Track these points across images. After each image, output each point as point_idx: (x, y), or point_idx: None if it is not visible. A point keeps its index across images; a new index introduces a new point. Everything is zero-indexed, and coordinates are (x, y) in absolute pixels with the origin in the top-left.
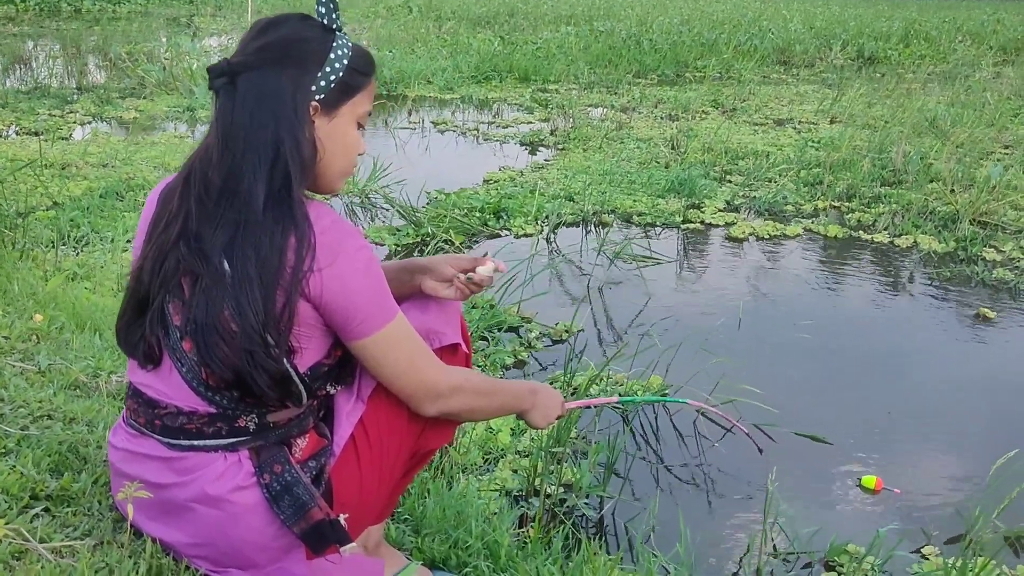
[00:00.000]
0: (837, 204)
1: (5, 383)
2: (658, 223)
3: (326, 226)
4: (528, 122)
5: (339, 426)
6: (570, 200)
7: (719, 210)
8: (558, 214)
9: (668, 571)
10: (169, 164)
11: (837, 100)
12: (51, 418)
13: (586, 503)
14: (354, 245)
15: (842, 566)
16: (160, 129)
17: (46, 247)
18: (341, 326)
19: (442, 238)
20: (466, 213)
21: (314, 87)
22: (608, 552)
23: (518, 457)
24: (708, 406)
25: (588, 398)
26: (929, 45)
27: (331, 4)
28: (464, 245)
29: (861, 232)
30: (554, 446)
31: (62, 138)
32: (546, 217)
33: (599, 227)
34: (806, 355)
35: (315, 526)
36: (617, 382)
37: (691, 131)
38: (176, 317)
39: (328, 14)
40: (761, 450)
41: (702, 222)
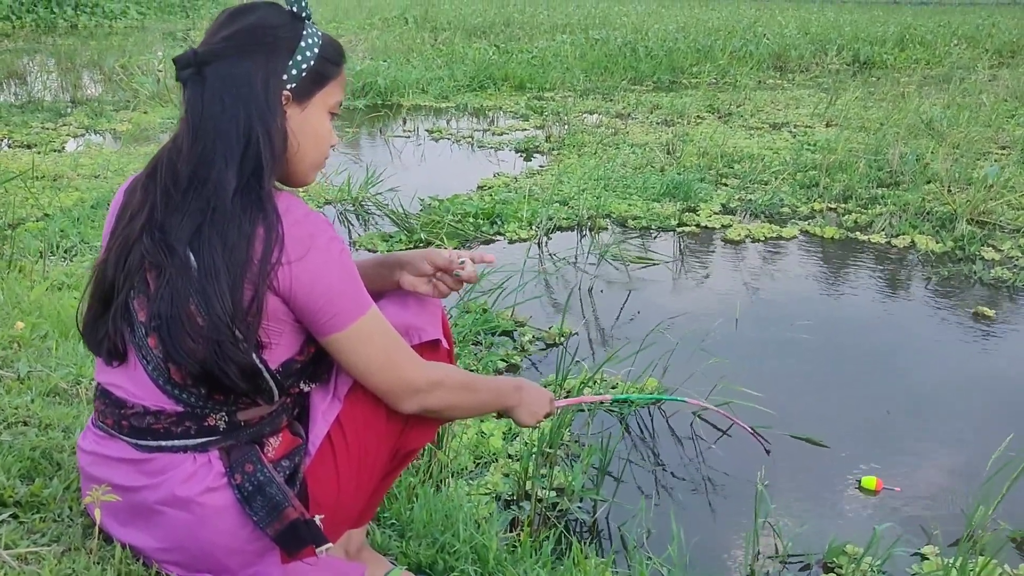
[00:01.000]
0: (833, 206)
1: None
2: (653, 227)
3: (297, 218)
4: (523, 129)
5: (314, 425)
6: (564, 205)
7: (715, 213)
8: (552, 218)
9: (662, 574)
10: None
11: (832, 104)
12: (26, 424)
13: (579, 506)
14: (325, 237)
15: (840, 567)
16: (153, 140)
17: (34, 258)
18: (312, 321)
19: (435, 244)
20: (460, 219)
21: (285, 76)
22: (600, 555)
23: (510, 461)
24: (704, 403)
25: (580, 396)
26: (924, 49)
27: None
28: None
29: (858, 233)
30: (546, 448)
31: (54, 150)
32: (540, 222)
33: (594, 231)
34: (804, 356)
35: (290, 526)
36: (612, 384)
37: (687, 136)
38: (141, 313)
39: (297, 1)
40: (768, 450)
41: (698, 225)
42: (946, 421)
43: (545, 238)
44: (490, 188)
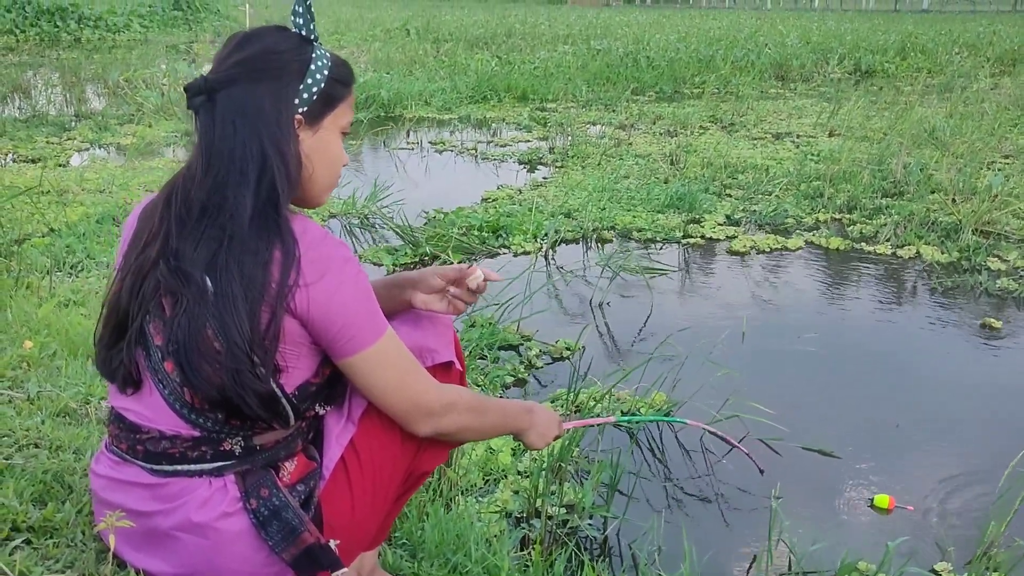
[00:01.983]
0: (838, 216)
1: None
2: (658, 238)
3: (313, 241)
4: (526, 141)
5: (329, 448)
6: (569, 217)
7: (719, 224)
8: (557, 231)
9: None
10: None
11: (835, 113)
12: (37, 446)
13: (589, 524)
14: (342, 259)
15: None
16: (158, 154)
17: (41, 274)
18: (329, 343)
19: (442, 260)
20: (464, 232)
21: (296, 100)
22: (612, 573)
23: (519, 478)
24: (707, 426)
25: (587, 418)
26: (926, 57)
27: (307, 14)
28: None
29: (863, 244)
30: (556, 464)
31: (60, 165)
32: (545, 234)
33: (599, 243)
34: (812, 368)
35: (306, 551)
36: (620, 399)
37: (690, 146)
38: (157, 337)
39: (305, 24)
40: (762, 471)
41: (702, 236)
42: (957, 434)
43: (551, 251)
44: (495, 200)
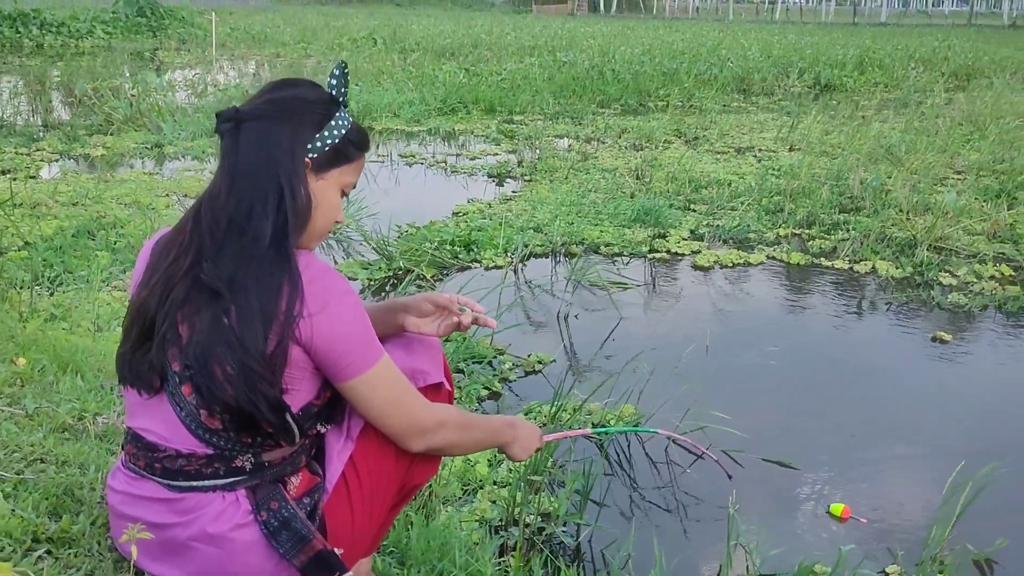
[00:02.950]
0: (798, 231)
1: None
2: (625, 253)
3: (315, 274)
4: (495, 153)
5: (330, 464)
6: (538, 231)
7: (684, 239)
8: (526, 245)
9: None
10: (140, 201)
11: (795, 127)
12: (44, 462)
13: (564, 531)
14: (341, 291)
15: None
16: (128, 166)
17: (20, 288)
18: (330, 368)
19: (416, 273)
20: (437, 246)
21: (309, 145)
22: None
23: (496, 488)
24: (677, 435)
25: (564, 430)
26: (883, 72)
27: (342, 79)
28: (435, 278)
29: (822, 259)
30: (532, 476)
31: (31, 177)
32: (515, 249)
33: (567, 257)
34: (773, 380)
35: (315, 556)
36: (591, 411)
37: (655, 161)
38: (175, 364)
39: (338, 87)
40: (730, 476)
41: (668, 251)
42: (909, 443)
43: (520, 265)
44: (465, 214)
